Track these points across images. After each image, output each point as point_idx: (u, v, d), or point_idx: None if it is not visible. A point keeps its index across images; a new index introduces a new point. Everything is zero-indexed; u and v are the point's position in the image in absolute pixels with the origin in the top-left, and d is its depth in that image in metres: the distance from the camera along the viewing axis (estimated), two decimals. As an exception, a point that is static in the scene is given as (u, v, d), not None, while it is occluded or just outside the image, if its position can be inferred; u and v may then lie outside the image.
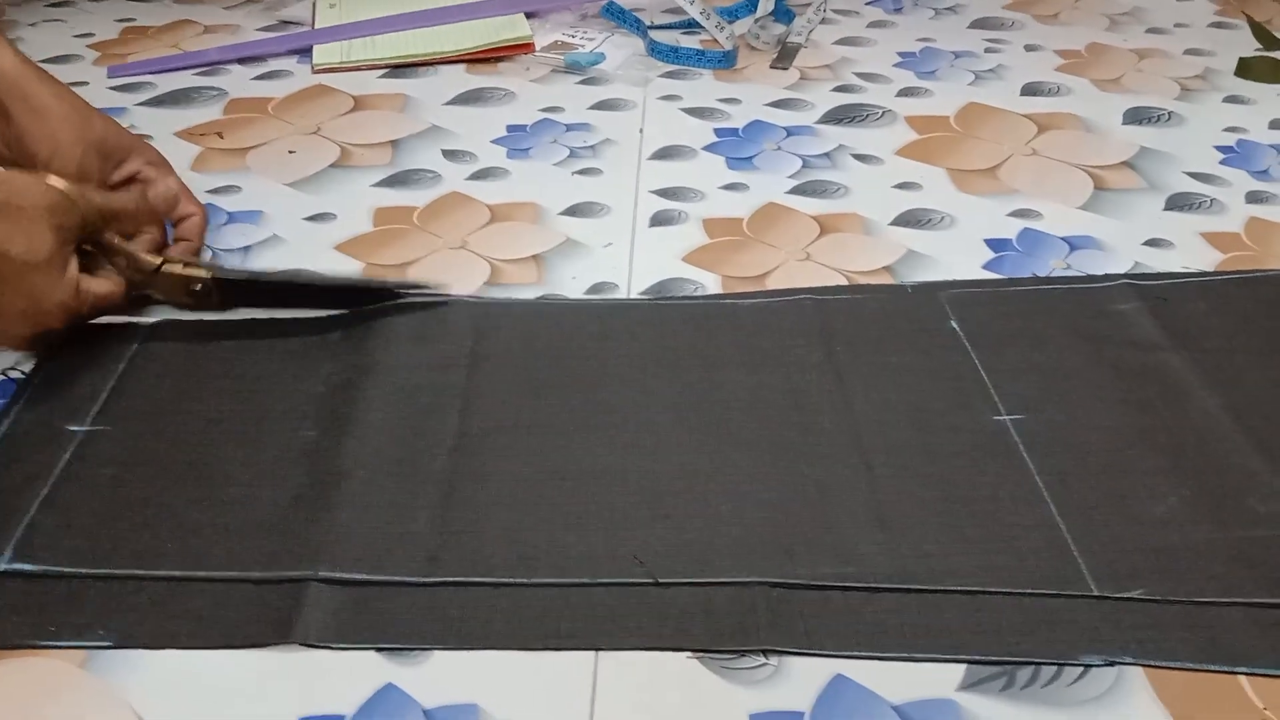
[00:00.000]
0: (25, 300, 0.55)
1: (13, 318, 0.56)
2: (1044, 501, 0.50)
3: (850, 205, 0.77)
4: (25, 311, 0.55)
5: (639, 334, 0.61)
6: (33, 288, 0.54)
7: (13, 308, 0.55)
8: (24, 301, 0.55)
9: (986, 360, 0.59)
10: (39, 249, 0.54)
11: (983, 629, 0.44)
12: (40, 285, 0.55)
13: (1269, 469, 0.52)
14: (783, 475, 0.51)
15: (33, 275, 0.54)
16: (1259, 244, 0.73)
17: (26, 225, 0.54)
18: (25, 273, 0.54)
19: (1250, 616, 0.45)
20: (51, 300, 0.56)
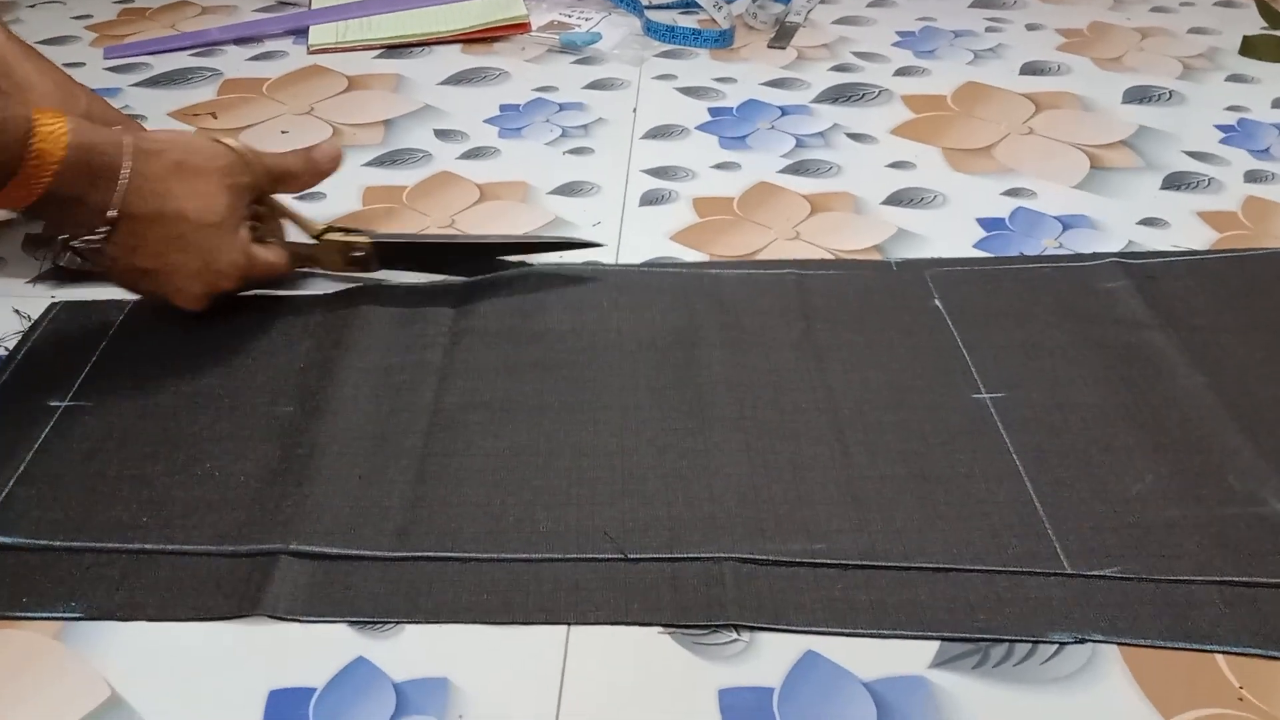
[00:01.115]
0: (201, 259, 0.56)
1: (189, 276, 0.57)
2: (1020, 479, 0.50)
3: (842, 184, 0.76)
4: (200, 270, 0.57)
5: (620, 312, 0.61)
6: (208, 246, 0.56)
7: (189, 266, 0.56)
8: (199, 260, 0.56)
9: (968, 338, 0.59)
10: (214, 208, 0.56)
11: (955, 606, 0.44)
12: (215, 244, 0.56)
13: (1249, 447, 0.51)
14: (757, 453, 0.51)
15: (208, 234, 0.56)
16: (1256, 223, 0.72)
17: (203, 185, 0.55)
18: (201, 231, 0.55)
19: (1224, 595, 0.44)
20: (225, 259, 0.57)
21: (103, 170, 0.53)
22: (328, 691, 0.41)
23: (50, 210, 0.53)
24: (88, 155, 0.52)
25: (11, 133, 0.50)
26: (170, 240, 0.55)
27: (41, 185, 0.51)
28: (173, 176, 0.55)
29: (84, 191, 0.52)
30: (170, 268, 0.56)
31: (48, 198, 0.51)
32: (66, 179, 0.51)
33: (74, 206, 0.52)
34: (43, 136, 0.50)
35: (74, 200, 0.52)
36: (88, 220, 0.53)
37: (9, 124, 0.49)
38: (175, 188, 0.55)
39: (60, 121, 0.51)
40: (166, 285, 0.57)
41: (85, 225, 0.53)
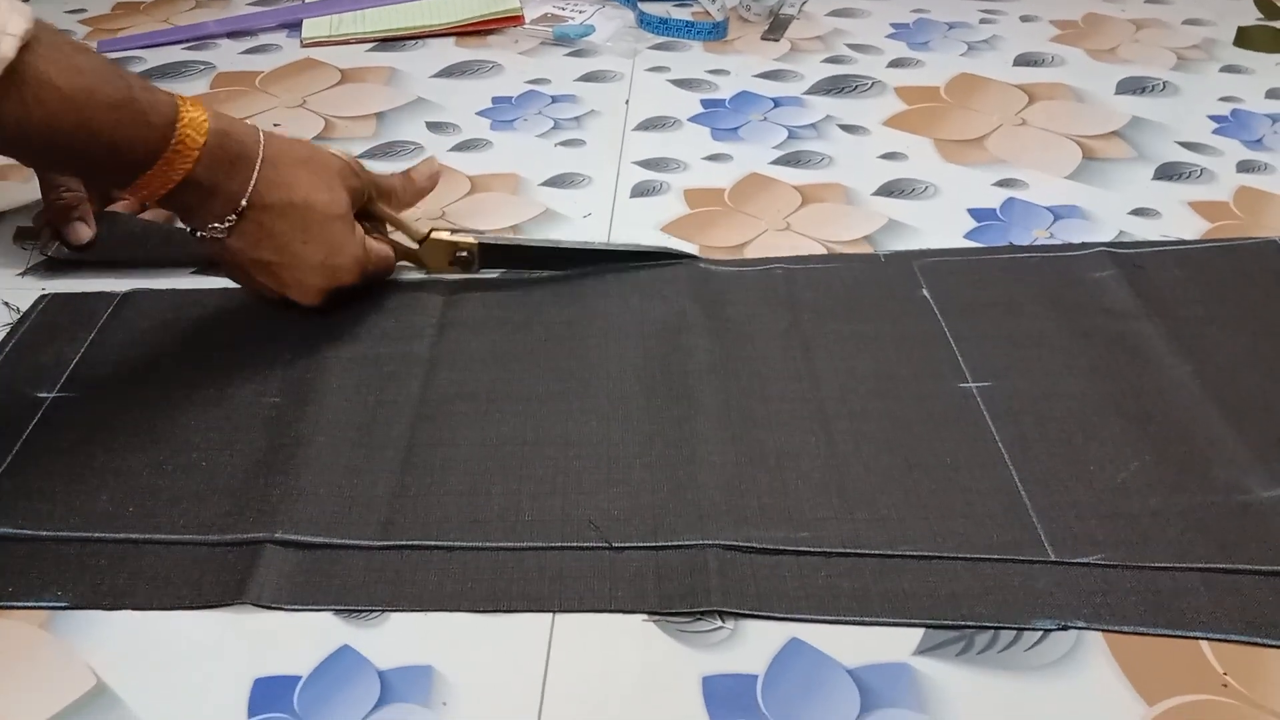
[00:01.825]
0: (325, 250, 0.56)
1: (312, 268, 0.57)
2: (1005, 467, 0.50)
3: (833, 175, 0.76)
4: (323, 263, 0.57)
5: (608, 301, 0.61)
6: (333, 237, 0.57)
7: (313, 257, 0.56)
8: (324, 252, 0.56)
9: (955, 328, 0.59)
10: (339, 201, 0.57)
11: (938, 594, 0.44)
12: (340, 235, 0.57)
13: (1233, 435, 0.51)
14: (743, 441, 0.51)
15: (333, 226, 0.56)
16: (1247, 213, 0.72)
17: (329, 179, 0.57)
18: (328, 222, 0.56)
19: (1206, 581, 0.44)
20: (347, 253, 0.57)
21: (239, 159, 0.53)
22: (313, 679, 0.41)
23: (186, 198, 0.53)
24: (226, 142, 0.53)
25: (161, 115, 0.50)
26: (295, 232, 0.55)
27: (182, 171, 0.51)
28: (301, 169, 0.56)
29: (220, 179, 0.53)
30: (293, 260, 0.56)
31: (185, 184, 0.52)
32: (206, 165, 0.52)
33: (209, 195, 0.53)
34: (187, 121, 0.51)
35: (209, 188, 0.53)
36: (219, 210, 0.54)
37: (158, 106, 0.50)
38: (303, 179, 0.55)
39: (201, 109, 0.52)
40: (287, 277, 0.57)
41: (216, 215, 0.54)
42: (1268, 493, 0.48)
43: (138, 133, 0.50)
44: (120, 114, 0.49)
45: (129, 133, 0.49)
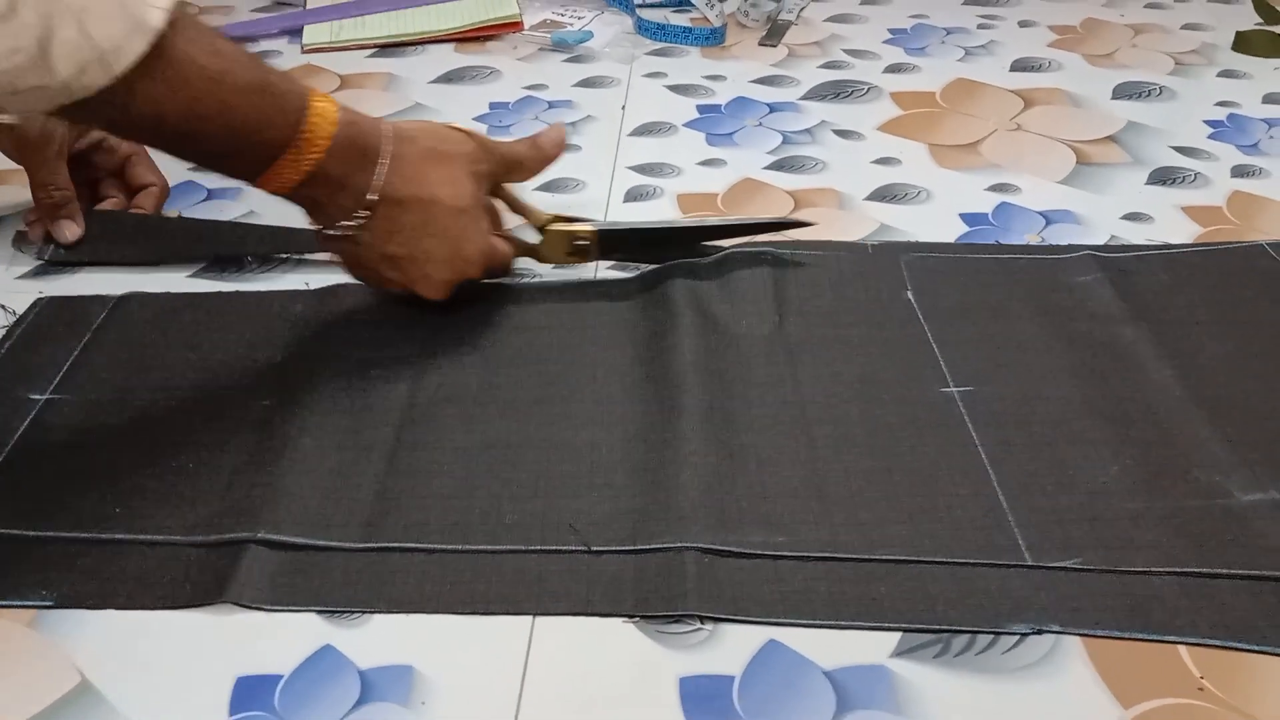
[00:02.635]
0: (451, 245, 0.57)
1: (439, 262, 0.57)
2: (984, 472, 0.50)
3: (827, 180, 0.76)
4: (450, 257, 0.57)
5: (599, 305, 0.61)
6: (458, 232, 0.57)
7: (439, 252, 0.57)
8: (449, 246, 0.57)
9: (939, 332, 0.59)
10: (465, 194, 0.56)
11: (915, 597, 0.44)
12: (465, 229, 0.57)
13: (1216, 439, 0.51)
14: (725, 445, 0.51)
15: (459, 219, 0.56)
16: (1240, 218, 0.72)
17: (453, 171, 0.56)
18: (453, 216, 0.56)
19: (1183, 586, 0.44)
20: (474, 246, 0.58)
21: (366, 151, 0.54)
22: (294, 678, 0.42)
23: (314, 191, 0.53)
24: (354, 134, 0.53)
25: (291, 104, 0.50)
26: (423, 225, 0.55)
27: (311, 161, 0.51)
28: (428, 161, 0.55)
29: (348, 172, 0.53)
30: (421, 254, 0.56)
31: (314, 177, 0.52)
32: (335, 156, 0.52)
33: (337, 188, 0.53)
34: (317, 111, 0.51)
35: (338, 181, 0.53)
36: (347, 204, 0.54)
37: (289, 97, 0.50)
38: (430, 172, 0.55)
39: (330, 101, 0.52)
40: (414, 272, 0.57)
41: (344, 210, 0.54)
42: (1248, 496, 0.48)
43: (272, 118, 0.50)
44: (257, 98, 0.49)
45: (264, 117, 0.50)
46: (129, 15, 0.43)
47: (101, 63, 0.43)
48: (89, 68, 0.43)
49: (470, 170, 0.57)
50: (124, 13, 0.43)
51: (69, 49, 0.42)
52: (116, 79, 0.43)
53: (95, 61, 0.43)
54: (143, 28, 0.43)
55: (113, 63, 0.43)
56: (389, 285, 0.59)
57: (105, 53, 0.43)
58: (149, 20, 0.44)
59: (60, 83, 0.42)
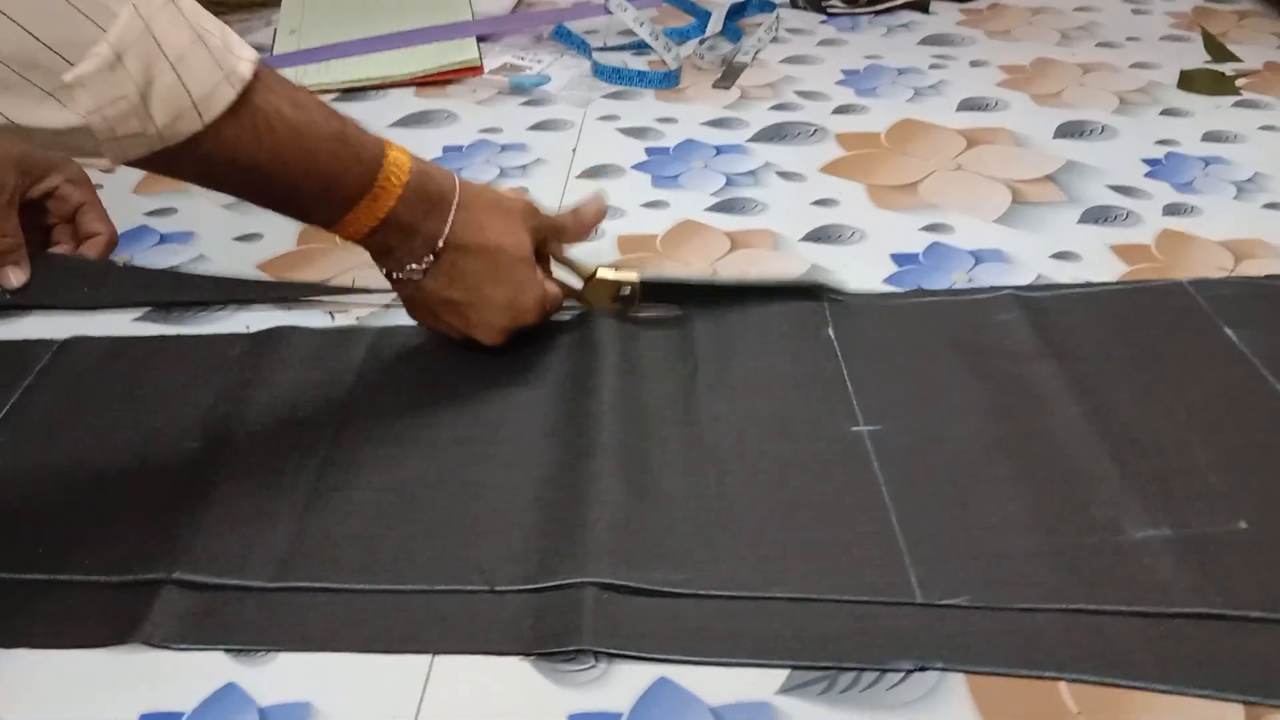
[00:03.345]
0: (510, 291, 0.59)
1: (497, 308, 0.59)
2: (885, 510, 0.51)
3: (765, 222, 0.78)
4: (508, 304, 0.59)
5: (527, 348, 0.63)
6: (519, 278, 0.59)
7: (498, 299, 0.59)
8: (508, 292, 0.59)
9: (855, 371, 0.60)
10: (523, 244, 0.59)
11: (808, 635, 0.45)
12: (524, 278, 0.60)
13: (1116, 476, 0.52)
14: (636, 483, 0.52)
15: (518, 267, 0.59)
16: (1168, 256, 0.73)
17: (512, 223, 0.59)
18: (514, 264, 0.59)
19: (1069, 622, 0.45)
20: (531, 293, 0.60)
21: (437, 200, 0.56)
22: (195, 716, 0.43)
23: (386, 237, 0.56)
24: (426, 183, 0.56)
25: (369, 153, 0.53)
26: (485, 273, 0.58)
27: (386, 208, 0.54)
28: (491, 212, 0.58)
29: (420, 218, 0.56)
30: (481, 300, 0.59)
31: (387, 223, 0.55)
32: (408, 204, 0.55)
33: (408, 234, 0.56)
34: (391, 160, 0.54)
35: (409, 228, 0.56)
36: (418, 250, 0.57)
37: (366, 146, 0.53)
38: (493, 222, 0.58)
39: (404, 150, 0.55)
40: (474, 317, 0.60)
41: (413, 254, 0.57)
42: (1141, 533, 0.50)
43: (351, 167, 0.53)
44: (337, 147, 0.52)
45: (344, 166, 0.52)
46: (220, 66, 0.46)
47: (195, 110, 0.46)
48: (184, 115, 0.45)
49: (526, 224, 0.60)
50: (216, 63, 0.46)
51: (167, 97, 0.45)
52: (207, 126, 0.46)
53: (189, 109, 0.46)
54: (233, 78, 0.46)
55: (204, 111, 0.46)
56: (447, 329, 0.61)
57: (199, 100, 0.46)
58: (239, 71, 0.47)
59: (156, 130, 0.45)
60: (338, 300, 0.69)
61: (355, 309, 0.68)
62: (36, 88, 0.42)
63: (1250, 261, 0.72)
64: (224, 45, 0.47)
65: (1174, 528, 0.50)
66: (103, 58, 0.42)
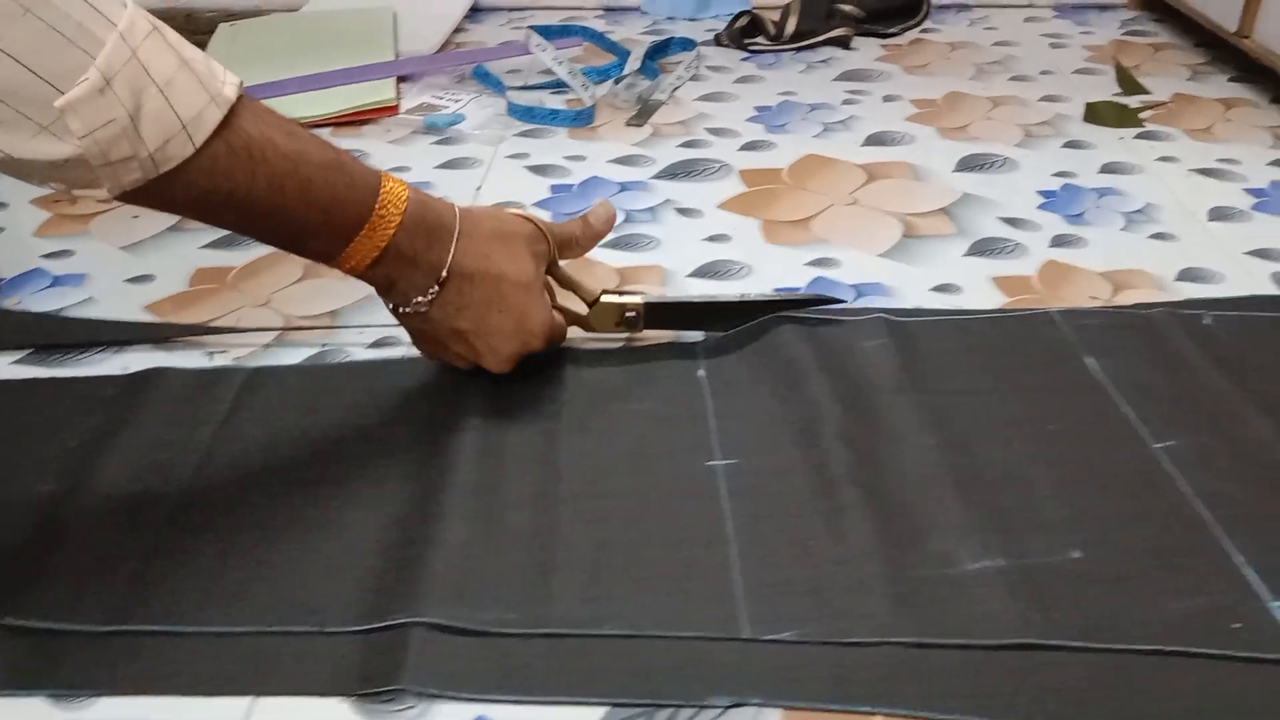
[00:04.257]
0: (516, 318, 0.59)
1: (504, 336, 0.60)
2: (726, 545, 0.51)
3: (656, 258, 0.79)
4: (514, 331, 0.60)
5: (387, 387, 0.63)
6: (524, 306, 0.60)
7: (505, 327, 0.59)
8: (514, 320, 0.59)
9: (721, 405, 0.61)
10: (528, 270, 0.60)
11: (632, 672, 0.45)
12: (529, 304, 0.60)
13: (960, 508, 0.53)
14: (482, 522, 0.53)
15: (524, 295, 0.59)
16: (1048, 287, 0.74)
17: (516, 250, 0.60)
18: (518, 292, 0.59)
19: (892, 655, 0.45)
20: (537, 320, 0.60)
21: (437, 227, 0.57)
22: (10, 763, 0.43)
23: (390, 268, 0.56)
24: (425, 212, 0.56)
25: (366, 182, 0.54)
26: (492, 301, 0.58)
27: (385, 237, 0.55)
28: (493, 240, 0.59)
29: (422, 248, 0.56)
30: (488, 328, 0.59)
31: (389, 253, 0.55)
32: (408, 232, 0.55)
33: (410, 264, 0.56)
34: (388, 188, 0.55)
35: (411, 258, 0.56)
36: (420, 280, 0.57)
37: (363, 175, 0.54)
38: (497, 250, 0.59)
39: (400, 182, 0.56)
40: (481, 345, 0.60)
41: (417, 286, 0.57)
42: (974, 565, 0.50)
43: (348, 195, 0.53)
44: (334, 175, 0.52)
45: (341, 194, 0.53)
46: (206, 89, 0.47)
47: (185, 133, 0.47)
48: (174, 138, 0.47)
49: (531, 249, 0.61)
50: (202, 87, 0.47)
51: (156, 120, 0.46)
52: (198, 150, 0.47)
53: (179, 132, 0.47)
54: (219, 100, 0.48)
55: (194, 133, 0.47)
56: (455, 360, 0.62)
57: (188, 122, 0.47)
58: (224, 94, 0.48)
59: (148, 153, 0.46)
60: (219, 340, 0.69)
61: (235, 349, 0.68)
62: (32, 122, 0.44)
63: (1129, 291, 0.73)
64: (208, 71, 0.48)
65: (1009, 558, 0.50)
66: (91, 83, 0.44)
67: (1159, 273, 0.75)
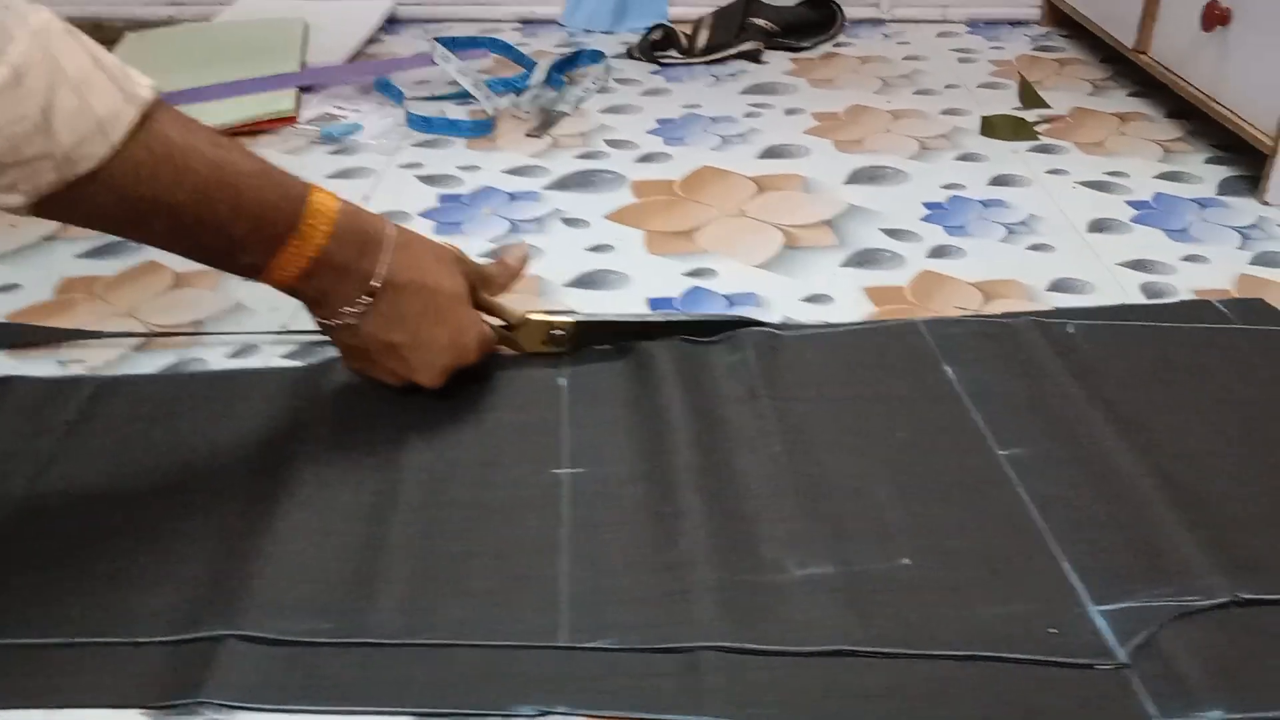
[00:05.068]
0: (452, 331, 0.59)
1: (439, 349, 0.59)
2: (558, 553, 0.51)
3: (536, 268, 0.78)
4: (449, 344, 0.59)
5: (247, 402, 0.62)
6: (457, 319, 0.59)
7: (440, 339, 0.59)
8: (450, 333, 0.59)
9: (577, 416, 0.61)
10: (460, 284, 0.60)
11: (444, 681, 0.45)
12: (464, 317, 0.60)
13: (797, 515, 0.53)
14: (320, 533, 0.52)
15: (458, 307, 0.60)
16: (920, 297, 0.74)
17: (450, 268, 0.60)
18: (454, 304, 0.59)
19: (706, 661, 0.45)
20: (471, 333, 0.60)
21: (369, 239, 0.56)
22: None
23: (320, 279, 0.55)
24: (356, 222, 0.55)
25: (294, 190, 0.53)
26: (426, 313, 0.58)
27: (315, 247, 0.53)
28: (426, 253, 0.59)
29: (353, 257, 0.55)
30: (422, 341, 0.58)
31: (319, 263, 0.54)
32: (339, 241, 0.54)
33: (341, 275, 0.55)
34: (318, 200, 0.54)
35: (342, 268, 0.55)
36: (352, 291, 0.56)
37: (290, 184, 0.53)
38: (430, 263, 0.58)
39: (329, 192, 0.55)
40: (416, 360, 0.59)
41: (348, 298, 0.56)
42: (802, 572, 0.50)
43: (277, 203, 0.52)
44: (261, 183, 0.52)
45: (269, 202, 0.52)
46: (121, 90, 0.47)
47: (100, 131, 0.46)
48: (90, 137, 0.46)
49: (459, 269, 0.61)
50: (117, 88, 0.47)
51: (70, 117, 0.45)
52: (117, 151, 0.46)
53: (94, 130, 0.46)
54: (134, 100, 0.47)
55: (110, 131, 0.46)
56: (386, 376, 0.61)
57: (103, 120, 0.46)
58: (140, 94, 0.47)
59: (63, 152, 0.45)
60: (74, 350, 0.68)
61: (90, 359, 0.67)
62: None
63: (1000, 301, 0.74)
64: (123, 74, 0.47)
65: (837, 566, 0.50)
66: (2, 77, 0.43)
67: (1031, 283, 0.76)
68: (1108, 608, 0.48)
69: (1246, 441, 0.59)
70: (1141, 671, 0.45)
